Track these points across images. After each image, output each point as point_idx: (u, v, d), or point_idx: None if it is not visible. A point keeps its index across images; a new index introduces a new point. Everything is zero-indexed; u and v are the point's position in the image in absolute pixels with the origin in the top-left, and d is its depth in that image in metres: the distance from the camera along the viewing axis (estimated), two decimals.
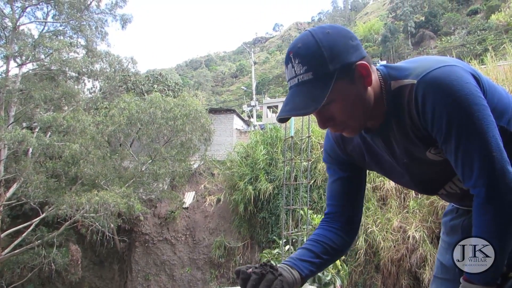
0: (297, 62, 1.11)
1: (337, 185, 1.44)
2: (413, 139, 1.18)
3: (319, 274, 6.04)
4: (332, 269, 6.33)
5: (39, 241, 11.77)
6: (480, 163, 1.06)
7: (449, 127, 1.08)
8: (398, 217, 8.50)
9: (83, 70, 12.75)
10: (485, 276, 1.09)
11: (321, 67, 1.09)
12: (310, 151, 10.02)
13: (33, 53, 11.35)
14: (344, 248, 1.41)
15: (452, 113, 1.07)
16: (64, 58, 11.84)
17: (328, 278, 6.07)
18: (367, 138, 1.31)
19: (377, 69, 1.21)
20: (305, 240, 5.81)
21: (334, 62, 1.09)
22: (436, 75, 1.09)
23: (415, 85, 1.11)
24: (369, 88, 1.15)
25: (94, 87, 15.67)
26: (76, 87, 13.41)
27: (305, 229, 5.82)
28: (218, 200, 13.84)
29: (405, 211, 8.58)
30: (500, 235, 1.06)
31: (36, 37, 11.97)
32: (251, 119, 24.50)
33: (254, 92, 29.90)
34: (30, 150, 11.24)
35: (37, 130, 12.10)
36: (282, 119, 1.18)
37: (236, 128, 18.07)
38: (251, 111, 28.19)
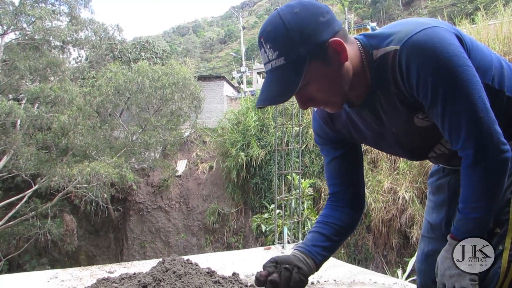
0: (268, 47, 1.08)
1: (333, 165, 1.43)
2: (399, 107, 1.16)
3: None
4: None
5: (33, 213, 11.83)
6: (467, 125, 1.05)
7: (435, 90, 1.06)
8: (389, 179, 8.62)
9: (68, 38, 12.43)
10: (472, 234, 1.11)
11: (292, 51, 1.06)
12: (301, 116, 10.00)
13: (14, 21, 10.99)
14: (353, 224, 1.42)
15: (437, 76, 1.04)
16: (48, 27, 11.50)
17: None
18: (351, 113, 1.29)
19: (356, 39, 1.18)
20: (293, 204, 5.90)
21: (305, 44, 1.05)
22: (419, 38, 1.06)
23: (398, 51, 1.08)
24: (346, 63, 1.11)
25: (80, 56, 15.36)
26: (61, 56, 13.09)
27: (296, 193, 5.90)
28: (211, 168, 13.90)
29: (395, 172, 8.70)
30: (487, 195, 1.07)
31: (16, 4, 11.56)
32: (241, 86, 24.29)
33: (243, 58, 29.49)
34: (18, 122, 11.07)
35: (24, 101, 11.89)
36: (261, 106, 1.15)
37: (227, 95, 17.92)
38: (241, 77, 27.90)
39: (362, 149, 1.48)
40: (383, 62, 1.12)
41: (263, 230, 6.98)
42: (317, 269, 1.29)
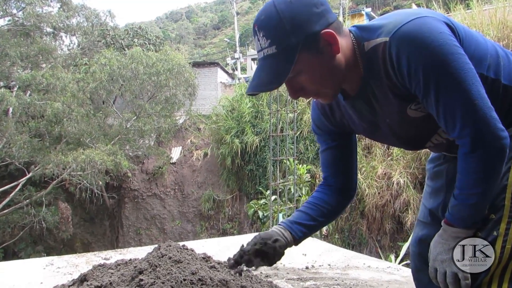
0: (261, 35, 1.10)
1: (327, 154, 1.46)
2: (392, 98, 1.16)
3: None
4: None
5: (27, 201, 11.80)
6: (462, 113, 1.04)
7: (426, 80, 1.05)
8: (383, 164, 8.67)
9: (59, 25, 12.27)
10: (467, 220, 1.11)
11: (284, 40, 1.07)
12: (296, 102, 10.00)
13: (4, 7, 10.82)
14: (340, 209, 1.49)
15: (428, 65, 1.04)
16: (38, 13, 11.34)
17: None
18: (346, 106, 1.30)
19: (349, 31, 1.18)
20: (292, 189, 5.93)
21: (297, 33, 1.07)
22: (408, 29, 1.06)
23: (387, 42, 1.08)
24: (338, 55, 1.12)
25: (72, 43, 15.20)
26: (53, 43, 12.93)
27: (292, 179, 5.92)
28: (205, 154, 13.90)
29: (389, 158, 8.74)
30: (484, 181, 1.07)
31: None
32: (236, 72, 24.16)
33: (237, 44, 29.23)
34: (10, 110, 10.97)
35: (15, 89, 11.76)
36: (252, 94, 1.17)
37: (221, 82, 17.83)
38: (235, 63, 27.72)
39: (356, 136, 1.50)
40: (374, 54, 1.12)
41: (260, 217, 7.01)
42: (295, 244, 1.39)
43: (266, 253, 1.33)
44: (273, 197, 5.79)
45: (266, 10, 1.10)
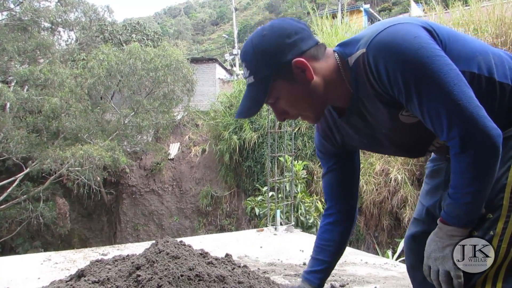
0: (244, 66, 1.20)
1: (329, 178, 1.52)
2: (382, 108, 1.17)
3: (302, 218, 6.25)
4: (314, 212, 6.51)
5: (25, 196, 11.78)
6: (447, 115, 1.03)
7: (407, 86, 1.05)
8: (380, 161, 8.68)
9: (57, 20, 12.22)
10: (462, 218, 1.11)
11: (258, 71, 1.17)
12: None
13: (1, 1, 10.77)
14: (347, 236, 1.56)
15: (406, 71, 1.04)
16: (36, 7, 11.29)
17: (311, 221, 6.26)
18: (343, 123, 1.33)
19: (334, 51, 1.22)
20: (287, 187, 5.95)
21: (269, 64, 1.15)
22: (382, 37, 1.08)
23: (365, 53, 1.11)
24: (314, 79, 1.17)
25: (70, 38, 15.14)
26: (51, 38, 12.89)
27: (289, 176, 5.93)
28: (203, 151, 13.89)
29: (386, 155, 8.76)
30: (477, 181, 1.06)
31: None
32: (234, 68, 24.10)
33: (236, 40, 29.12)
34: (8, 105, 10.94)
35: (13, 84, 11.72)
36: (238, 118, 1.29)
37: (219, 78, 17.79)
38: (233, 59, 27.64)
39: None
40: (357, 67, 1.15)
41: (257, 213, 7.02)
42: (322, 286, 1.54)
43: None
44: (270, 194, 5.80)
45: (246, 43, 1.21)
